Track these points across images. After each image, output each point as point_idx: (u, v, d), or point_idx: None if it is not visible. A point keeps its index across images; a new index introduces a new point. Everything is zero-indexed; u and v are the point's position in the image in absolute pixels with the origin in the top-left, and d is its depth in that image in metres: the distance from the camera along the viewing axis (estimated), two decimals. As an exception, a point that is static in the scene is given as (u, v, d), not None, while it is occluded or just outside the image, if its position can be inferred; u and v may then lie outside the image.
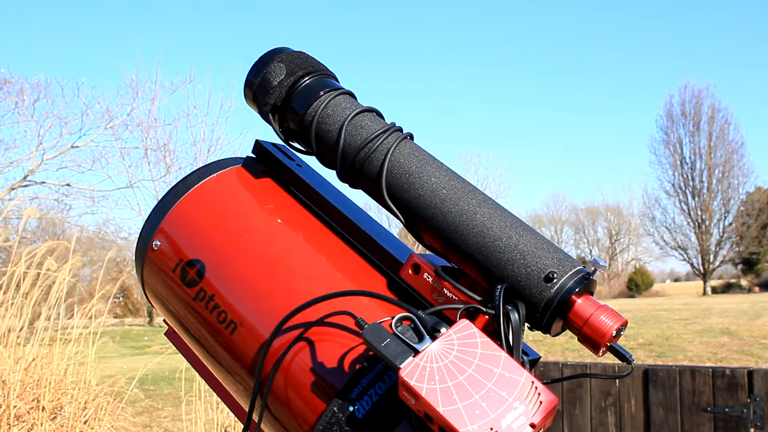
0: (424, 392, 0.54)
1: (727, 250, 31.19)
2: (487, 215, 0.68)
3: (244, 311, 0.69)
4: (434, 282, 0.67)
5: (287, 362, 0.65)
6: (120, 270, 15.55)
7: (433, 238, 0.71)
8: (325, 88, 0.76)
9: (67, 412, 4.66)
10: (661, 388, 3.62)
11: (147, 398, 7.23)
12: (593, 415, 3.81)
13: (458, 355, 0.56)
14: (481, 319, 0.63)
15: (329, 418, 0.60)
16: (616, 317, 0.63)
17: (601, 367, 3.76)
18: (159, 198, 0.79)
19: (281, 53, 0.79)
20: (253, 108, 0.81)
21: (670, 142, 30.11)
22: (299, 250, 0.73)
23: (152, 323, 19.36)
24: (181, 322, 0.77)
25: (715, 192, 29.70)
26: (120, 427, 5.10)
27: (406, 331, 0.59)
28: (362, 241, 0.74)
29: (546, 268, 0.64)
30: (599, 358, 1.42)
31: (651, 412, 3.64)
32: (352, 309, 0.64)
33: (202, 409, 4.66)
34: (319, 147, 0.76)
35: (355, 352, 0.63)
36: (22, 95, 15.39)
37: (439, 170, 0.71)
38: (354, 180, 0.75)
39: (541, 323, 0.64)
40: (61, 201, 16.85)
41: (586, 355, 7.48)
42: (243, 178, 0.80)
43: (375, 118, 0.76)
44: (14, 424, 4.33)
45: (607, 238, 37.18)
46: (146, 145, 16.40)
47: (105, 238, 18.23)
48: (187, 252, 0.74)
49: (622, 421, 3.73)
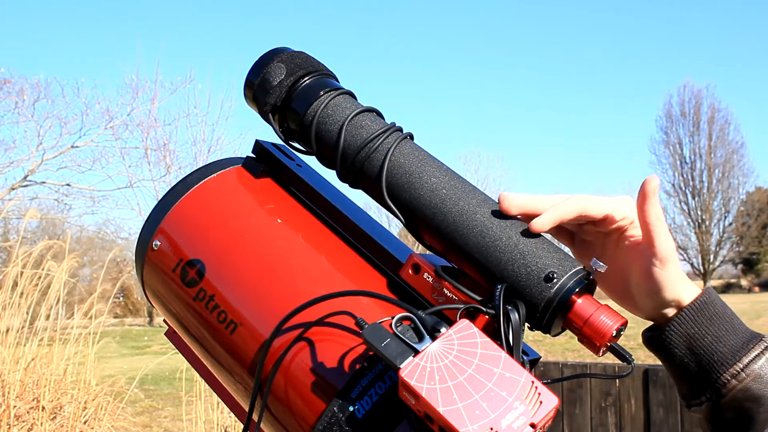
0: (424, 392, 0.54)
1: (727, 250, 31.21)
2: (487, 215, 0.68)
3: (244, 311, 0.69)
4: (434, 282, 0.67)
5: (287, 362, 0.65)
6: (120, 270, 15.55)
7: (433, 238, 0.71)
8: (326, 88, 0.76)
9: (67, 412, 4.66)
10: (662, 388, 3.62)
11: (147, 398, 7.23)
12: (593, 415, 3.81)
13: (458, 355, 0.56)
14: (481, 319, 0.63)
15: (329, 418, 0.60)
16: (616, 317, 0.63)
17: (601, 367, 3.77)
18: (159, 198, 0.79)
19: (281, 53, 0.79)
20: (253, 108, 0.81)
21: (670, 142, 30.13)
22: (299, 250, 0.73)
23: (152, 323, 19.36)
24: (181, 322, 0.77)
25: (715, 192, 29.70)
26: (120, 427, 5.10)
27: (406, 331, 0.59)
28: (362, 241, 0.74)
29: (546, 268, 0.64)
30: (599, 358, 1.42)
31: (651, 412, 3.64)
32: (352, 309, 0.64)
33: (202, 409, 4.66)
34: (319, 147, 0.76)
35: (355, 352, 0.63)
36: (22, 95, 15.41)
37: (439, 170, 0.71)
38: (354, 180, 0.75)
39: (541, 323, 0.64)
40: (61, 201, 16.86)
41: (586, 355, 7.48)
42: (243, 178, 0.80)
43: (375, 118, 0.76)
44: (14, 424, 4.33)
45: (608, 238, 37.02)
46: (146, 145, 16.42)
47: (105, 238, 18.24)
48: (187, 252, 0.74)
49: (622, 421, 3.73)
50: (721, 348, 0.64)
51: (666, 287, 0.66)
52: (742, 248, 30.83)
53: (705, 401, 0.65)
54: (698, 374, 0.65)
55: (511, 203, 0.67)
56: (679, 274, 0.67)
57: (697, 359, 0.65)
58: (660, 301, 0.67)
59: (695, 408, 0.67)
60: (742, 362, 0.64)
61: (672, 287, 0.66)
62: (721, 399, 0.64)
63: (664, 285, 0.66)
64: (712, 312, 0.66)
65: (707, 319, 0.65)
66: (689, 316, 0.66)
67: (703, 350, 0.65)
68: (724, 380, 0.64)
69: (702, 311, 0.66)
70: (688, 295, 0.67)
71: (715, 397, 0.65)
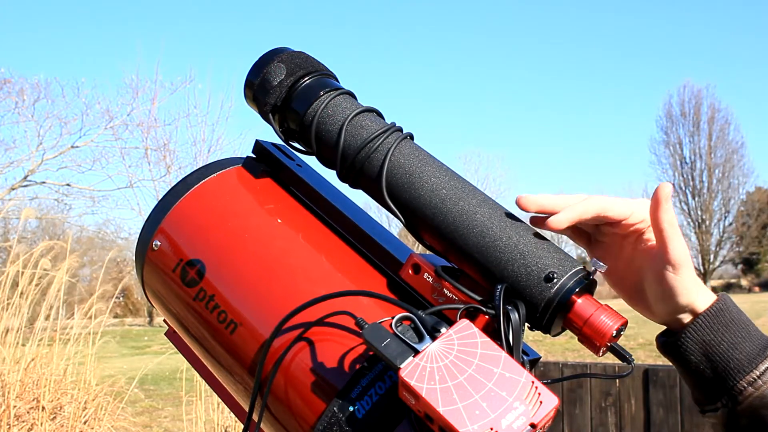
0: (424, 392, 0.54)
1: (728, 250, 31.21)
2: (487, 215, 0.68)
3: (244, 311, 0.69)
4: (434, 282, 0.67)
5: (287, 362, 0.65)
6: (120, 270, 15.56)
7: (433, 238, 0.71)
8: (326, 88, 0.77)
9: (67, 412, 4.66)
10: (662, 388, 3.62)
11: (147, 398, 7.23)
12: (593, 415, 3.82)
13: (458, 355, 0.56)
14: (481, 319, 0.63)
15: (329, 418, 0.60)
16: (616, 317, 0.63)
17: (601, 367, 3.77)
18: (159, 198, 0.79)
19: (281, 53, 0.79)
20: (253, 108, 0.81)
21: (670, 142, 30.14)
22: (299, 250, 0.73)
23: (152, 323, 19.37)
24: (181, 322, 0.77)
25: (715, 192, 29.71)
26: (120, 427, 5.10)
27: (406, 331, 0.59)
28: (362, 241, 0.74)
29: (546, 268, 0.64)
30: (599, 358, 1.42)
31: (651, 412, 3.64)
32: (352, 309, 0.64)
33: (202, 409, 4.66)
34: (319, 147, 0.76)
35: (355, 352, 0.63)
36: (22, 95, 15.40)
37: (439, 170, 0.71)
38: (354, 180, 0.75)
39: (541, 323, 0.64)
40: (61, 201, 16.86)
41: (586, 355, 7.48)
42: (243, 178, 0.80)
43: (375, 118, 0.76)
44: (14, 424, 4.34)
45: (608, 238, 37.05)
46: (146, 145, 16.40)
47: (105, 238, 18.23)
48: (187, 252, 0.75)
49: (622, 421, 3.73)
50: (738, 355, 0.64)
51: (679, 293, 0.65)
52: (742, 248, 30.84)
53: (721, 407, 0.65)
54: (714, 381, 0.65)
55: (530, 201, 0.67)
56: (693, 279, 0.66)
57: (713, 366, 0.65)
58: (673, 306, 0.67)
59: (710, 414, 0.67)
60: (759, 369, 0.64)
61: (685, 293, 0.66)
62: (738, 406, 0.64)
63: (678, 290, 0.65)
64: (728, 318, 0.66)
65: (723, 325, 0.65)
66: (705, 322, 0.66)
67: (719, 357, 0.65)
68: (741, 387, 0.64)
69: (718, 318, 0.66)
70: (702, 301, 0.67)
71: (731, 404, 0.64)
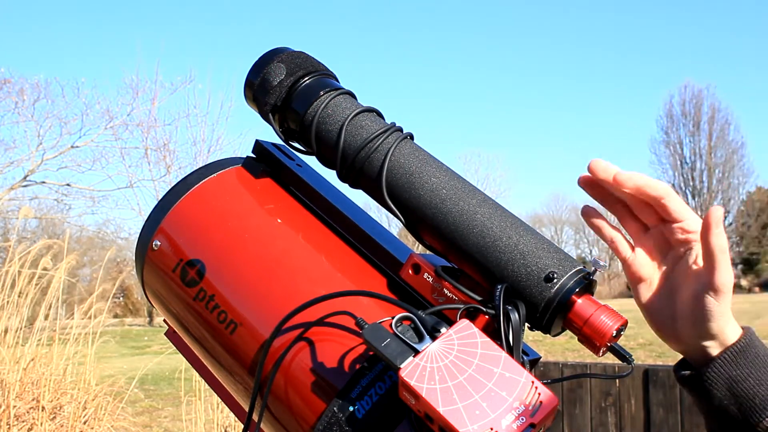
0: (424, 392, 0.54)
1: (727, 251, 31.14)
2: (487, 215, 0.68)
3: (244, 311, 0.69)
4: (434, 282, 0.67)
5: (287, 362, 0.65)
6: (120, 270, 15.54)
7: (433, 238, 0.71)
8: (326, 88, 0.77)
9: (67, 412, 4.66)
10: (661, 388, 3.62)
11: (147, 398, 7.23)
12: (593, 415, 3.81)
13: (458, 355, 0.56)
14: (481, 319, 0.63)
15: (329, 418, 0.60)
16: (616, 317, 0.63)
17: (601, 367, 3.77)
18: (159, 198, 0.79)
19: (281, 53, 0.79)
20: (253, 108, 0.81)
21: (671, 142, 30.14)
22: (299, 250, 0.73)
23: (152, 323, 19.35)
24: (181, 322, 0.77)
25: (715, 192, 29.70)
26: (120, 427, 5.10)
27: (406, 331, 0.59)
28: (362, 241, 0.74)
29: (546, 268, 0.64)
30: (599, 358, 1.42)
31: (651, 412, 3.64)
32: (352, 309, 0.64)
33: (202, 409, 4.66)
34: (319, 147, 0.76)
35: (355, 352, 0.63)
36: (22, 95, 15.40)
37: (439, 170, 0.71)
38: (354, 180, 0.75)
39: (541, 323, 0.64)
40: (61, 201, 16.86)
41: (586, 355, 7.48)
42: (243, 178, 0.80)
43: (375, 118, 0.76)
44: (14, 424, 4.34)
45: (608, 238, 37.06)
46: (146, 145, 16.39)
47: (105, 238, 18.23)
48: (187, 252, 0.75)
49: (622, 421, 3.73)
50: (763, 391, 0.64)
51: (714, 318, 0.65)
52: (742, 248, 30.83)
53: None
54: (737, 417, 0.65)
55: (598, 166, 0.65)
56: (728, 309, 0.66)
57: (738, 401, 0.65)
58: (703, 331, 0.66)
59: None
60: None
61: (719, 320, 0.65)
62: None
63: (713, 315, 0.65)
64: (754, 354, 0.65)
65: (749, 361, 0.65)
66: (732, 357, 0.65)
67: (744, 393, 0.64)
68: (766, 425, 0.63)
69: (745, 353, 0.65)
70: (731, 333, 0.66)
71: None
